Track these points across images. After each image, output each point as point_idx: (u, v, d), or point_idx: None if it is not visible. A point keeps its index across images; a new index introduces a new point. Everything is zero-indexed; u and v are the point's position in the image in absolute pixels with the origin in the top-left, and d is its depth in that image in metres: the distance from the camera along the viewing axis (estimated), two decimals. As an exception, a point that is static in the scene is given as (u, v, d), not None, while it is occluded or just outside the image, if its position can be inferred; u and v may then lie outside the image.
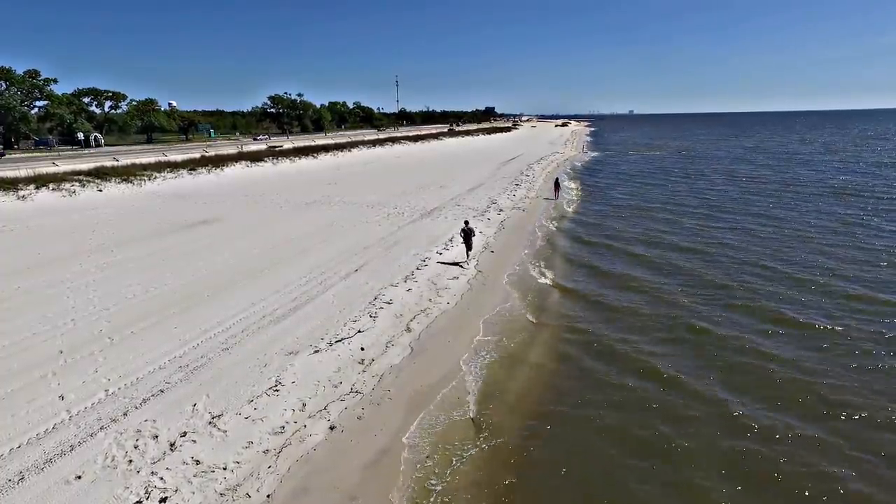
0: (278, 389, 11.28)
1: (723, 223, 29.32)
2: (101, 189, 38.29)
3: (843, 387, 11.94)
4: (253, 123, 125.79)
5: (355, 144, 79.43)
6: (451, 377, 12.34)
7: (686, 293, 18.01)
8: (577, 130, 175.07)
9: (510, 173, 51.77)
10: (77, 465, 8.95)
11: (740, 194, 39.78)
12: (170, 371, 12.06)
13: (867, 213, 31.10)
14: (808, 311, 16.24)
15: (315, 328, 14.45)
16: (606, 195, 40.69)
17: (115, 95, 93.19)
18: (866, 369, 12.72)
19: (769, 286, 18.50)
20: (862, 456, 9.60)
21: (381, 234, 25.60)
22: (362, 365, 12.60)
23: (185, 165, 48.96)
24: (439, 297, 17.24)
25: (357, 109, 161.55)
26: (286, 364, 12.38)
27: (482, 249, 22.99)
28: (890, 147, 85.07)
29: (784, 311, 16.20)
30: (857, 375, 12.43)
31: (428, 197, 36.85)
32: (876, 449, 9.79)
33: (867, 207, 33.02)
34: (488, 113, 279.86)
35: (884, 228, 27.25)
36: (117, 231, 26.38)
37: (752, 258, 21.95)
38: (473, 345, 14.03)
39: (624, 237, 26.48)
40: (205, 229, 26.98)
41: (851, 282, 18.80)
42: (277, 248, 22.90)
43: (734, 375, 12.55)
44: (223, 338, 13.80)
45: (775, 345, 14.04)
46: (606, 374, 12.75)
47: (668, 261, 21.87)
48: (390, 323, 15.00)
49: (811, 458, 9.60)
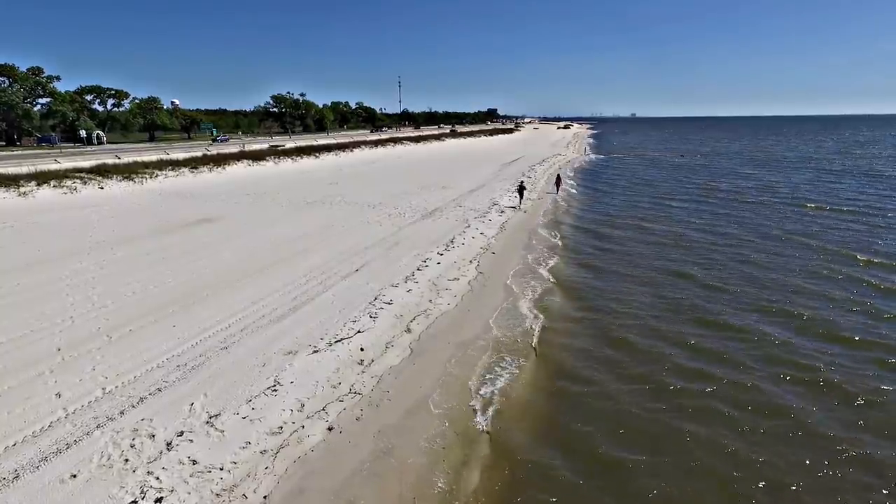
0: (276, 390, 11.19)
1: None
2: (103, 187, 38.29)
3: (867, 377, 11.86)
4: (255, 123, 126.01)
5: (357, 144, 79.45)
6: (450, 378, 12.26)
7: (686, 292, 17.93)
8: (578, 133, 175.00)
9: (512, 175, 51.69)
10: (72, 463, 8.87)
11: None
12: (168, 370, 11.98)
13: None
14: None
15: (314, 328, 14.36)
16: (607, 198, 40.58)
17: (117, 93, 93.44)
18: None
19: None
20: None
21: (382, 234, 25.52)
22: (361, 366, 12.51)
23: (187, 164, 48.98)
24: (440, 298, 17.15)
25: (360, 110, 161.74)
26: (285, 364, 12.30)
27: (482, 251, 22.91)
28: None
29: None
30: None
31: (429, 197, 36.79)
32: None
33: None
34: (490, 114, 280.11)
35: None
36: (118, 229, 26.33)
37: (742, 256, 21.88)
38: (474, 347, 13.94)
39: (624, 238, 26.39)
40: (205, 228, 26.92)
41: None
42: (278, 247, 22.83)
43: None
44: (222, 337, 13.72)
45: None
46: (612, 377, 12.66)
47: (671, 262, 21.78)
48: (390, 324, 14.92)
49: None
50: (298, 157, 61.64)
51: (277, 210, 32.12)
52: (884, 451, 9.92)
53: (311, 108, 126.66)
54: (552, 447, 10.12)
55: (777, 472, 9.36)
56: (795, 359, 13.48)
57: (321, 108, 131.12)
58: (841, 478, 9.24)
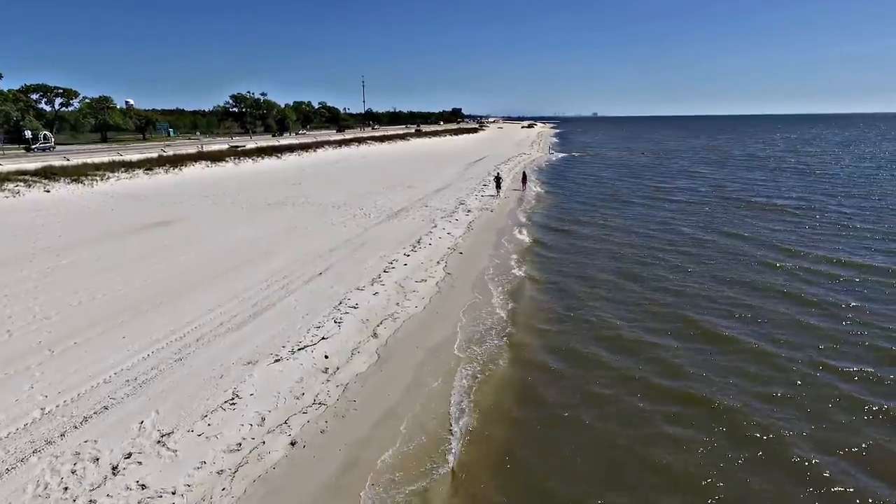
0: (235, 403, 10.51)
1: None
2: (49, 190, 36.28)
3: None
4: (215, 123, 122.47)
5: (321, 144, 78.02)
6: (419, 385, 11.79)
7: (650, 278, 17.94)
8: (542, 132, 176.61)
9: (478, 174, 51.50)
10: (2, 496, 8.04)
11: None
12: (115, 385, 11.13)
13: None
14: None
15: (276, 335, 13.67)
16: (573, 194, 40.73)
17: (66, 92, 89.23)
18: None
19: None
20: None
21: (346, 235, 24.83)
22: (326, 374, 11.92)
23: (141, 165, 46.97)
24: (407, 300, 16.65)
25: (323, 109, 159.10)
26: (244, 375, 11.60)
27: (450, 251, 22.50)
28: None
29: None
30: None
31: (395, 197, 36.18)
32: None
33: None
34: (455, 114, 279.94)
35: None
36: (66, 234, 24.88)
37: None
38: (444, 351, 13.50)
39: (591, 235, 26.42)
40: (160, 231, 25.71)
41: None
42: (238, 251, 21.91)
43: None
44: (176, 347, 12.90)
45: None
46: (584, 375, 12.40)
47: (636, 255, 21.82)
48: (356, 329, 14.34)
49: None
50: (259, 157, 60.02)
51: (238, 212, 31.01)
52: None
53: (272, 107, 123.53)
54: (526, 457, 9.76)
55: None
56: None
57: (283, 108, 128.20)
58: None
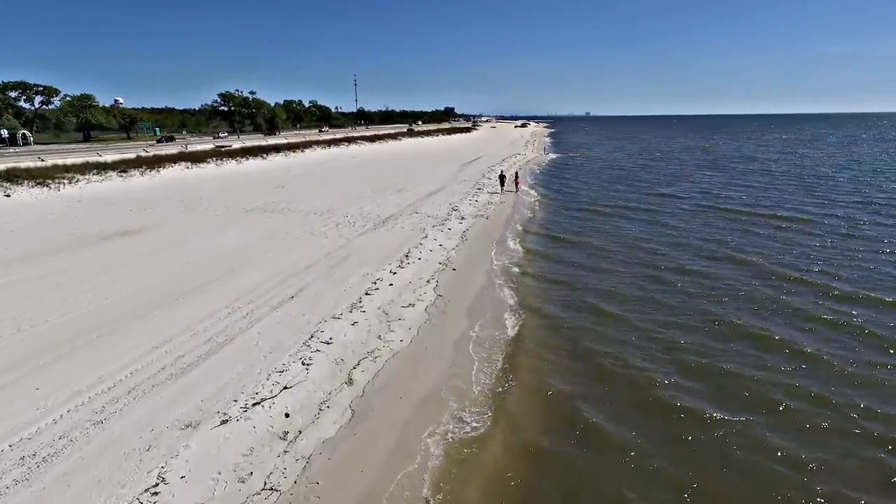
0: (158, 493, 8.04)
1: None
2: (10, 194, 33.57)
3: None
4: (203, 122, 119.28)
5: (309, 144, 75.27)
6: (405, 454, 9.38)
7: (662, 314, 15.60)
8: (536, 132, 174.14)
9: (472, 176, 49.03)
10: None
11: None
12: (6, 465, 8.62)
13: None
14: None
15: (228, 384, 11.20)
16: (571, 199, 38.31)
17: (46, 90, 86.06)
18: None
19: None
20: None
21: (327, 248, 22.32)
22: (284, 441, 9.47)
23: (116, 167, 44.23)
24: (391, 332, 14.22)
25: (314, 108, 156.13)
26: (178, 446, 9.12)
27: (441, 267, 20.09)
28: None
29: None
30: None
31: (384, 202, 33.68)
32: None
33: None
34: (448, 113, 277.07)
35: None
36: (13, 246, 22.27)
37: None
38: (434, 402, 11.09)
39: (590, 244, 24.11)
40: (121, 243, 23.13)
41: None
42: (204, 266, 19.41)
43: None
44: (100, 403, 10.39)
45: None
46: (601, 440, 10.05)
47: (640, 267, 19.50)
48: (328, 372, 11.89)
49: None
50: (244, 158, 57.30)
51: (211, 219, 28.44)
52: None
53: (261, 106, 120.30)
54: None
55: None
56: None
57: (273, 107, 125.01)
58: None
